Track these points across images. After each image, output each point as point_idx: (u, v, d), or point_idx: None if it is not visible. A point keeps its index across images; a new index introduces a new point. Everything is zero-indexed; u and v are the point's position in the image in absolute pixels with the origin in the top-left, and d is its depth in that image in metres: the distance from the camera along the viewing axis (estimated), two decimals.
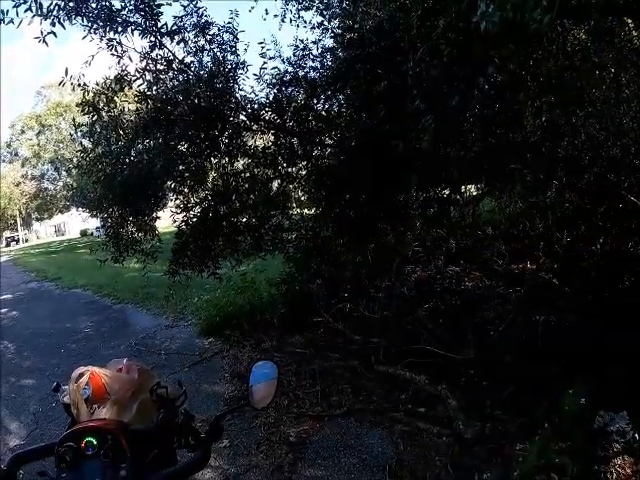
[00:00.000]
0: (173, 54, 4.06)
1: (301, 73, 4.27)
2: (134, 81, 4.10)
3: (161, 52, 4.01)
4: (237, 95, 4.17)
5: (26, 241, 52.47)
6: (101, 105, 4.13)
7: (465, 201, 4.58)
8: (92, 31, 3.75)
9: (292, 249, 4.52)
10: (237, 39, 4.15)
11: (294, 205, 4.88)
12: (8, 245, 49.39)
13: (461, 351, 3.44)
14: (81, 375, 1.16)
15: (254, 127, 4.40)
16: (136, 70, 4.07)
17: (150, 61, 4.03)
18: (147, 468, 0.99)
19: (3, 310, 9.90)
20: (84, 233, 39.53)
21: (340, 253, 4.40)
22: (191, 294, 6.95)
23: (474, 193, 4.98)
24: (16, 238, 51.79)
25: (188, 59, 4.13)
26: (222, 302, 5.75)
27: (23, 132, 38.10)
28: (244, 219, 4.46)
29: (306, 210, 4.82)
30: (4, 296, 11.86)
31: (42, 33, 3.45)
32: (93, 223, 33.41)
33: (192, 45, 4.07)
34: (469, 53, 2.60)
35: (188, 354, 5.03)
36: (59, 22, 3.48)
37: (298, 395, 3.63)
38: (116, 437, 0.97)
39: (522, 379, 2.99)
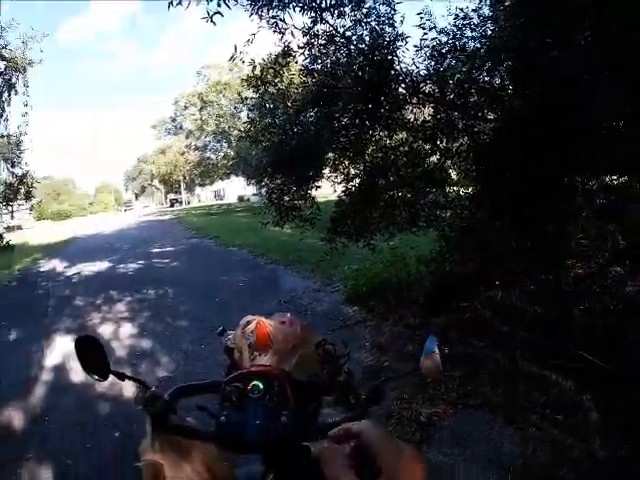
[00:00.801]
0: (335, 28, 4.13)
1: (459, 44, 4.05)
2: (298, 56, 4.30)
3: (322, 27, 4.12)
4: (397, 67, 4.11)
5: (188, 203, 59.22)
6: (269, 79, 4.39)
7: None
8: (254, 10, 3.99)
9: (447, 228, 4.38)
10: (394, 11, 4.08)
11: (452, 181, 4.71)
12: (172, 205, 56.41)
13: (617, 362, 3.07)
14: (248, 322, 1.22)
15: (413, 100, 4.31)
16: (298, 46, 4.23)
17: (312, 36, 4.15)
18: (305, 419, 1.02)
19: (166, 260, 11.22)
20: (241, 199, 42.96)
21: (496, 237, 4.16)
22: (340, 262, 7.07)
23: None
24: (179, 200, 58.77)
25: (348, 33, 4.15)
26: (370, 273, 5.80)
27: (186, 108, 42.27)
28: (400, 193, 4.42)
29: (463, 189, 4.62)
30: (168, 249, 13.42)
31: (208, 13, 3.73)
32: (250, 190, 36.25)
33: (350, 19, 4.09)
34: None
35: (332, 318, 5.19)
36: (224, 2, 3.74)
37: (438, 378, 3.55)
38: (282, 384, 1.00)
39: None
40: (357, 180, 4.49)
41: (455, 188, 4.64)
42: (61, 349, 5.13)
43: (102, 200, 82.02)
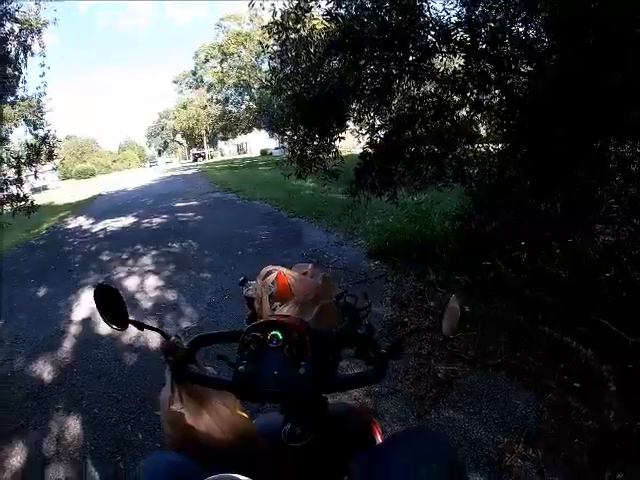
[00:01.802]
0: None
1: None
2: (321, 0, 4.10)
3: None
4: (426, 13, 3.87)
5: (211, 157, 59.65)
6: (290, 25, 4.22)
7: None
8: None
9: (474, 185, 4.24)
10: None
11: (481, 135, 4.52)
12: (195, 160, 56.93)
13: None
14: (269, 273, 1.22)
15: (443, 49, 4.09)
16: None
17: None
18: (324, 371, 1.01)
19: (189, 214, 11.31)
20: (264, 152, 43.16)
21: (525, 197, 4.01)
22: (363, 217, 7.06)
23: None
24: (202, 154, 59.13)
25: None
26: (394, 228, 5.72)
27: (207, 61, 41.84)
28: (427, 147, 4.28)
29: (492, 145, 4.44)
30: (191, 203, 13.55)
31: None
32: (273, 143, 36.26)
33: None
34: None
35: (354, 272, 5.13)
36: None
37: (455, 335, 3.54)
38: (301, 335, 1.00)
39: None
40: (382, 132, 4.36)
41: (485, 144, 4.47)
42: (87, 303, 5.30)
43: (126, 157, 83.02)
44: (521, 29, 3.81)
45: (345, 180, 4.57)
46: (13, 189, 5.04)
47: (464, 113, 4.33)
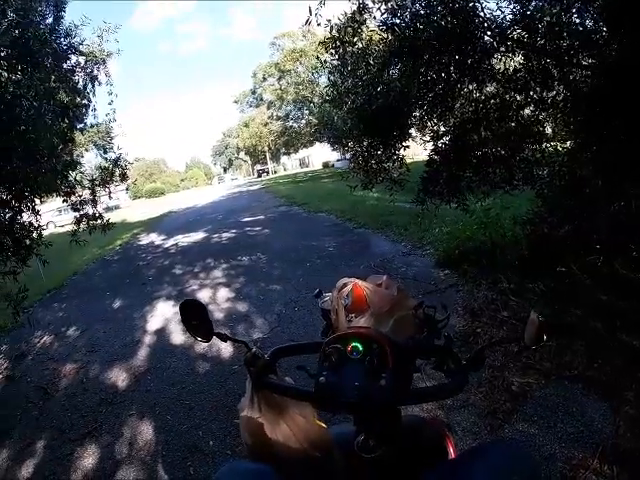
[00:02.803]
0: None
1: None
2: (375, 11, 4.10)
3: None
4: (480, 14, 3.80)
5: (274, 172, 61.41)
6: (347, 38, 4.26)
7: None
8: None
9: (544, 186, 4.07)
10: None
11: (548, 134, 4.34)
12: (259, 176, 58.87)
13: None
14: (344, 285, 1.23)
15: (501, 48, 3.98)
16: (373, 1, 4.05)
17: None
18: (402, 383, 1.00)
19: (257, 228, 11.63)
20: (326, 165, 44.00)
21: (598, 197, 3.79)
22: (431, 225, 6.97)
23: None
24: (266, 170, 61.18)
25: None
26: (463, 235, 5.59)
27: (265, 79, 43.22)
28: (493, 150, 4.17)
29: (560, 144, 4.25)
30: (258, 217, 13.95)
31: None
32: (334, 156, 36.69)
33: None
34: None
35: (423, 282, 5.06)
36: None
37: (538, 345, 3.35)
38: (382, 347, 0.99)
39: None
40: (447, 137, 4.30)
41: (552, 143, 4.28)
42: (161, 314, 5.64)
43: (193, 176, 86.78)
44: (577, 20, 3.69)
45: (410, 189, 4.53)
46: (88, 209, 5.40)
47: (528, 112, 4.19)
